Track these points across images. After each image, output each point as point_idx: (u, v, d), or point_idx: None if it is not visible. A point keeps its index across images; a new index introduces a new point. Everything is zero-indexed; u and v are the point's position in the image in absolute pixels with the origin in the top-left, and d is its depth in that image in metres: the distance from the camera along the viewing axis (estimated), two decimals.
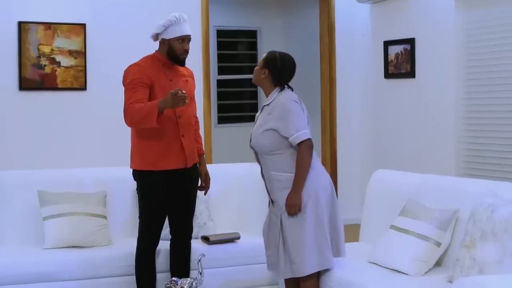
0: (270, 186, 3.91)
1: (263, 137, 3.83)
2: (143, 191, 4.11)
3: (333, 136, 7.45)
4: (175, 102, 3.84)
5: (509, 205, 3.31)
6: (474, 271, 3.25)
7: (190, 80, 4.28)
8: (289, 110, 3.78)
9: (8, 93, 6.06)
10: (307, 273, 3.78)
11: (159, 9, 6.42)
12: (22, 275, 4.14)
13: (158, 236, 4.16)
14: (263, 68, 3.92)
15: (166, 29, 4.06)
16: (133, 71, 4.07)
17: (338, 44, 7.47)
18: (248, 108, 9.76)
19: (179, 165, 4.11)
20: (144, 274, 4.14)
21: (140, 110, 3.91)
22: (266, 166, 3.90)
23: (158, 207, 4.11)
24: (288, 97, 3.84)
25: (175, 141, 4.09)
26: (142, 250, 4.14)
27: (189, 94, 4.07)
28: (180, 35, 4.06)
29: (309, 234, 3.75)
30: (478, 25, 5.92)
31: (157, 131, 4.02)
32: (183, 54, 4.12)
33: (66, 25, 6.20)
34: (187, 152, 4.13)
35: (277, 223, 3.86)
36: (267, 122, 3.83)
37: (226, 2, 9.05)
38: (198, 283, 3.65)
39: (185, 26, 4.09)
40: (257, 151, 3.93)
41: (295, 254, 3.76)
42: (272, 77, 3.90)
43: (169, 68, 4.15)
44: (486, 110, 5.87)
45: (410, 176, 4.40)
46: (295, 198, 3.74)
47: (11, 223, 4.61)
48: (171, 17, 4.05)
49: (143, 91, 4.01)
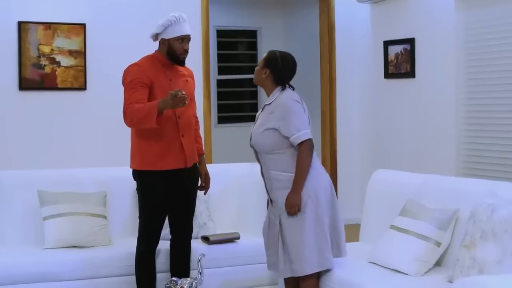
0: (269, 186, 3.91)
1: (263, 136, 3.83)
2: (143, 191, 4.11)
3: (333, 136, 7.45)
4: (175, 103, 3.84)
5: (509, 205, 3.31)
6: (474, 271, 3.25)
7: (190, 80, 4.28)
8: (290, 109, 3.78)
9: (8, 93, 6.06)
10: (307, 273, 3.78)
11: (159, 9, 6.42)
12: (22, 275, 4.14)
13: (158, 236, 4.16)
14: (264, 68, 3.92)
15: (165, 29, 4.06)
16: (132, 71, 4.08)
17: (338, 44, 7.47)
18: (248, 108, 9.76)
19: (178, 165, 4.11)
20: (144, 274, 4.14)
21: (140, 111, 3.91)
22: (266, 165, 3.90)
23: (158, 207, 4.11)
24: (289, 96, 3.84)
25: (174, 141, 4.09)
26: (142, 250, 4.14)
27: (188, 94, 4.07)
28: (179, 35, 4.07)
29: (309, 234, 3.75)
30: (478, 25, 5.92)
31: (156, 131, 4.02)
32: (183, 54, 4.12)
33: (66, 25, 6.20)
34: (187, 152, 4.13)
35: (276, 223, 3.86)
36: (268, 122, 3.83)
37: (226, 2, 9.05)
38: (198, 283, 3.65)
39: (185, 26, 4.09)
40: (257, 150, 3.92)
41: (294, 254, 3.76)
42: (273, 77, 3.90)
43: (169, 68, 4.15)
44: (486, 110, 5.87)
45: (410, 176, 4.40)
46: (295, 198, 3.74)
47: (11, 223, 4.61)
48: (171, 17, 4.05)
49: (143, 91, 4.01)
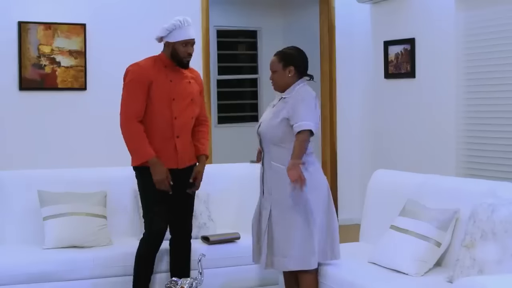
0: (267, 176, 3.91)
1: (276, 126, 3.84)
2: (144, 184, 4.12)
3: (333, 136, 7.45)
4: (158, 180, 4.00)
5: (509, 205, 3.31)
6: (474, 271, 3.25)
7: (193, 81, 4.27)
8: (303, 100, 3.81)
9: (8, 93, 6.06)
10: (288, 269, 3.84)
11: (159, 9, 6.42)
12: (22, 275, 4.14)
13: (166, 219, 4.14)
14: (285, 68, 3.91)
15: (170, 33, 4.09)
16: (133, 70, 4.11)
17: (338, 44, 7.47)
18: (248, 108, 9.76)
19: (170, 165, 4.12)
20: (143, 270, 4.14)
21: (136, 141, 4.03)
22: (270, 155, 3.90)
23: (159, 193, 4.09)
24: (307, 90, 3.90)
25: (168, 142, 4.11)
26: (155, 230, 4.09)
27: (189, 96, 4.11)
28: (184, 39, 4.09)
29: (296, 232, 3.78)
30: (478, 25, 5.92)
31: (151, 131, 4.07)
32: (186, 57, 4.14)
33: (66, 25, 6.20)
34: (180, 153, 4.14)
35: (265, 215, 3.87)
36: (282, 110, 3.85)
37: (226, 2, 9.05)
38: (198, 283, 3.65)
39: (189, 30, 4.11)
40: (265, 139, 3.91)
41: (279, 248, 3.80)
42: (298, 72, 3.94)
43: (171, 69, 4.16)
44: (486, 110, 5.87)
45: (410, 176, 4.40)
46: (295, 171, 3.68)
47: (11, 223, 4.61)
48: (175, 21, 4.07)
49: (142, 96, 4.04)
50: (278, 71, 3.93)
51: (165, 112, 4.05)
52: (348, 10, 7.49)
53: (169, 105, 4.09)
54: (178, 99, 4.12)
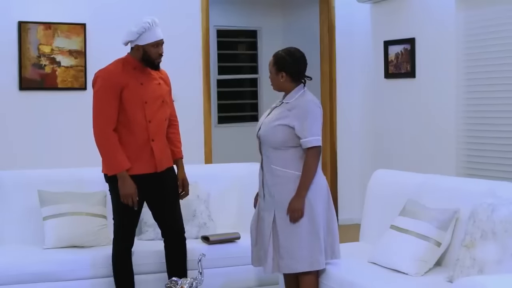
0: (267, 179, 3.90)
1: (276, 130, 3.82)
2: (116, 194, 4.05)
3: (333, 136, 7.45)
4: (124, 195, 3.94)
5: (509, 205, 3.31)
6: (474, 271, 3.26)
7: (162, 82, 4.19)
8: (311, 112, 3.80)
9: (8, 93, 6.06)
10: (298, 271, 3.81)
11: (159, 9, 6.41)
12: (22, 275, 4.14)
13: (132, 235, 4.13)
14: (278, 72, 3.90)
15: (140, 36, 4.01)
16: (103, 76, 4.05)
17: (338, 44, 7.47)
18: (248, 108, 9.77)
19: (148, 170, 4.06)
20: (122, 274, 4.12)
21: (110, 151, 3.97)
22: (269, 159, 3.89)
23: (130, 208, 4.04)
24: (312, 100, 3.87)
25: (144, 146, 4.04)
26: (118, 249, 4.10)
27: (159, 97, 4.08)
28: (154, 41, 4.03)
29: (303, 234, 3.77)
30: (478, 25, 5.92)
31: (125, 137, 4.00)
32: (157, 58, 4.08)
33: (66, 25, 6.20)
34: (157, 157, 4.07)
35: (268, 219, 3.86)
36: (285, 118, 3.82)
37: (226, 2, 9.05)
38: (198, 283, 3.65)
39: (158, 30, 4.04)
40: (265, 142, 3.90)
41: (285, 251, 3.78)
42: (291, 77, 3.90)
43: (140, 71, 4.09)
44: (486, 110, 5.87)
45: (410, 176, 4.40)
46: (298, 202, 3.75)
47: (11, 223, 4.61)
48: (144, 24, 3.99)
49: (114, 103, 3.97)
50: (273, 74, 3.94)
51: (138, 116, 3.99)
52: (348, 10, 7.49)
53: (142, 109, 4.01)
54: (150, 102, 4.04)
